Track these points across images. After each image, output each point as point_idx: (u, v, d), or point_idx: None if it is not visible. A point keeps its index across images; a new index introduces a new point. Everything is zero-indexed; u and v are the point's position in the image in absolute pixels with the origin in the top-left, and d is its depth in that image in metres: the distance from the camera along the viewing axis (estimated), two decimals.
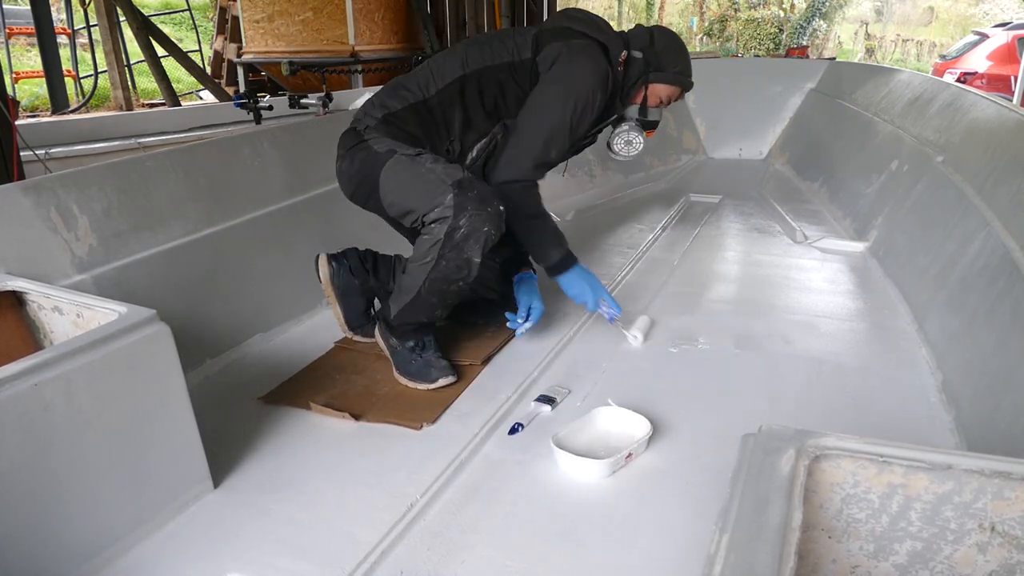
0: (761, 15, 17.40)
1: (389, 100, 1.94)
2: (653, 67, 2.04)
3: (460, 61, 1.95)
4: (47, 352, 1.20)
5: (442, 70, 1.94)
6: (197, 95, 8.97)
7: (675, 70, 2.07)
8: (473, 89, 1.93)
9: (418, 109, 1.92)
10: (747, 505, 0.80)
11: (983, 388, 1.64)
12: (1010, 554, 0.86)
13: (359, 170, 1.91)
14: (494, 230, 1.74)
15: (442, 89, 1.92)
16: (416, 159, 1.84)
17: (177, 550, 1.32)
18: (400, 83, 1.98)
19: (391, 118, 1.91)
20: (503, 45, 1.97)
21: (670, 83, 2.08)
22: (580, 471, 1.50)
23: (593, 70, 1.92)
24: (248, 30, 7.23)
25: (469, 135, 1.95)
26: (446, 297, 1.82)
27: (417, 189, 1.80)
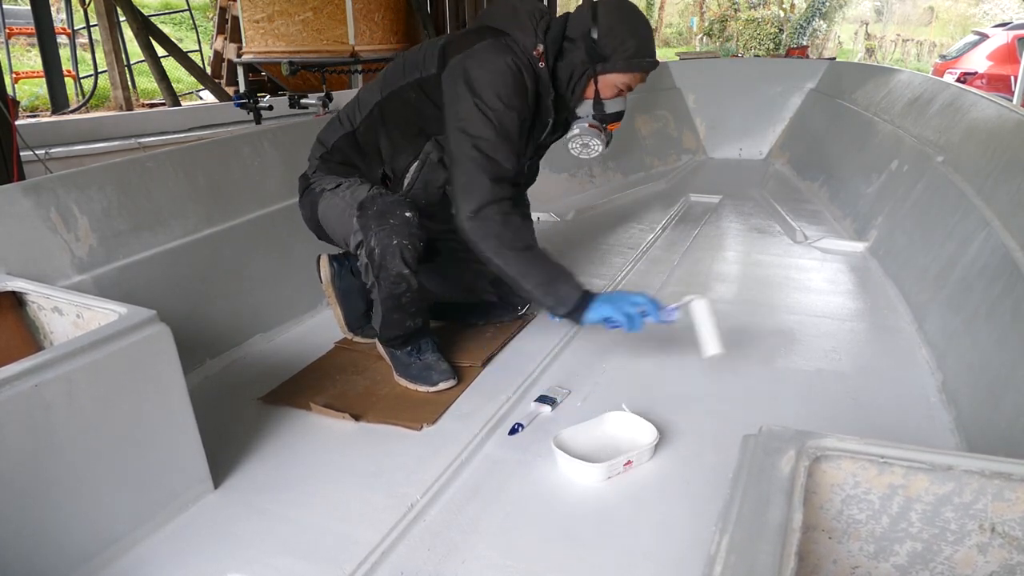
0: (761, 15, 17.39)
1: (325, 136, 1.95)
2: (596, 58, 1.76)
3: (377, 84, 1.91)
4: (47, 352, 1.20)
5: (364, 96, 1.91)
6: (197, 95, 8.96)
7: (625, 55, 1.76)
8: (391, 112, 1.87)
9: (349, 140, 1.91)
10: (747, 506, 0.80)
11: (983, 388, 1.64)
12: (1010, 555, 0.86)
13: (309, 216, 1.95)
14: (405, 239, 1.70)
15: (365, 117, 1.89)
16: (335, 191, 1.85)
17: (177, 550, 1.32)
18: (336, 117, 1.97)
19: (328, 155, 1.93)
20: (414, 61, 1.85)
21: (622, 71, 1.79)
22: (576, 473, 1.50)
23: (493, 68, 1.72)
24: (248, 30, 7.22)
25: (399, 159, 1.88)
26: (405, 308, 1.81)
27: (338, 221, 1.83)
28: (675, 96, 5.00)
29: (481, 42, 1.75)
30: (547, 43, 1.77)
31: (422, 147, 1.86)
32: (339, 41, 7.03)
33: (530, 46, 1.77)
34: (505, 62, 1.72)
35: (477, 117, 1.70)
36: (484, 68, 1.72)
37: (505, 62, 1.72)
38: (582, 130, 1.88)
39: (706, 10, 19.64)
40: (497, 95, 1.71)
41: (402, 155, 1.88)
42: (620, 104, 1.88)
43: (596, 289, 1.79)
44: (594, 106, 1.84)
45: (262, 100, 4.38)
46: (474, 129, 1.71)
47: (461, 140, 1.72)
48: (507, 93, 1.72)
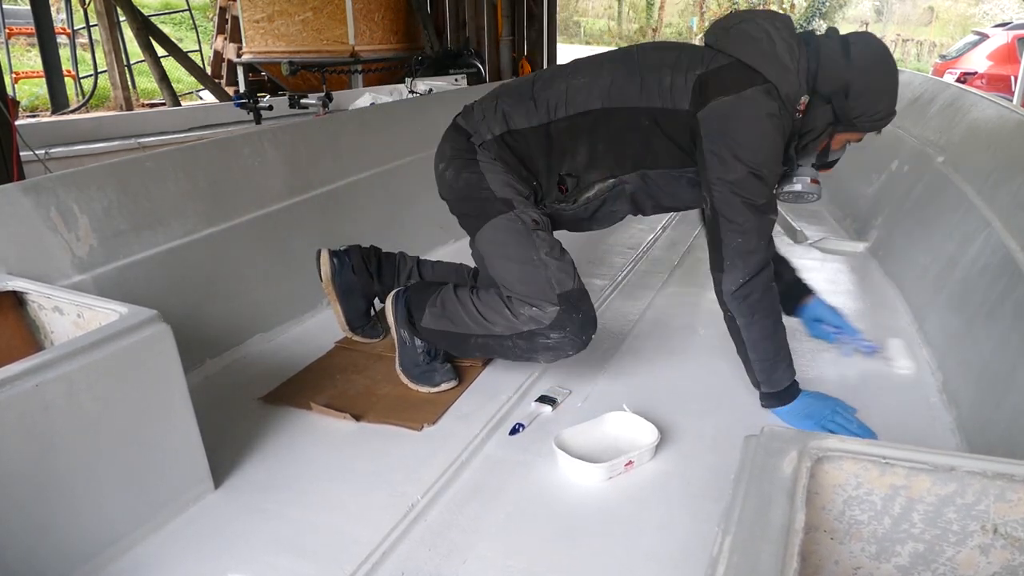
0: None
1: (514, 114, 1.72)
2: (843, 123, 1.65)
3: (602, 89, 1.67)
4: (48, 352, 1.20)
5: (579, 94, 1.69)
6: (197, 95, 8.96)
7: (873, 118, 1.65)
8: (608, 127, 1.67)
9: (539, 133, 1.70)
10: (750, 506, 0.80)
11: (983, 388, 1.64)
12: (1012, 556, 0.86)
13: (464, 193, 1.77)
14: (574, 353, 1.72)
15: (572, 116, 1.68)
16: (532, 235, 1.69)
17: (177, 550, 1.32)
18: (530, 94, 1.73)
19: (510, 138, 1.72)
20: (657, 82, 1.64)
21: (863, 131, 1.70)
22: (576, 474, 1.50)
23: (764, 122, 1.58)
24: (248, 30, 7.23)
25: (593, 172, 1.71)
26: (489, 354, 1.83)
27: (522, 274, 1.69)
28: None
29: (748, 90, 1.57)
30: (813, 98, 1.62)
31: (624, 174, 1.72)
32: (339, 41, 7.04)
33: (795, 97, 1.60)
34: (773, 117, 1.57)
35: (748, 175, 1.58)
36: (755, 121, 1.57)
37: (773, 117, 1.57)
38: (804, 186, 1.75)
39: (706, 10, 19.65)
40: (771, 149, 1.60)
41: (597, 170, 1.71)
42: (840, 153, 1.81)
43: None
44: (818, 157, 1.75)
45: (262, 100, 4.38)
46: (746, 189, 1.59)
47: (731, 200, 1.59)
48: (777, 146, 1.61)
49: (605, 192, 1.75)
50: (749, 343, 1.67)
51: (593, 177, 1.73)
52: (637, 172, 1.71)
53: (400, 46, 7.43)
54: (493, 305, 1.72)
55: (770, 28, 1.61)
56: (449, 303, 1.78)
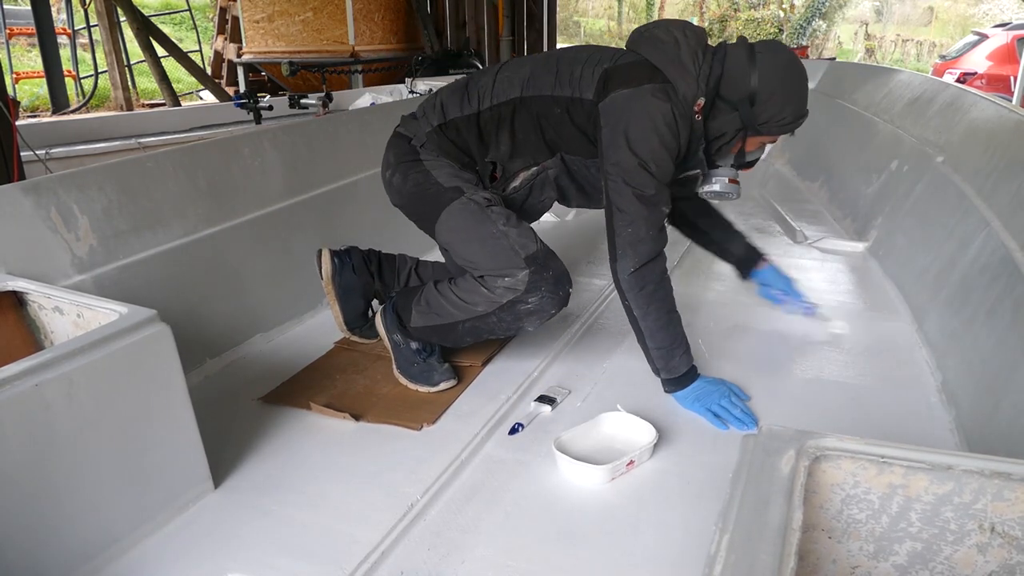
0: (761, 15, 17.40)
1: (450, 105, 1.83)
2: (751, 128, 1.72)
3: (522, 79, 1.78)
4: (48, 352, 1.20)
5: (502, 84, 1.79)
6: (197, 95, 8.97)
7: (782, 123, 1.71)
8: (526, 114, 1.76)
9: (470, 121, 1.80)
10: (747, 505, 0.80)
11: (983, 388, 1.64)
12: (1010, 555, 0.86)
13: (414, 193, 1.83)
14: (557, 311, 1.76)
15: (495, 105, 1.78)
16: (486, 211, 1.75)
17: (177, 550, 1.32)
18: (464, 87, 1.84)
19: (447, 128, 1.81)
20: (569, 73, 1.75)
21: (775, 135, 1.76)
22: (579, 476, 1.49)
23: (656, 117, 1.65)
24: (248, 30, 7.23)
25: (516, 160, 1.80)
26: (482, 336, 1.83)
27: (486, 250, 1.75)
28: None
29: (644, 85, 1.66)
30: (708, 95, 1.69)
31: (545, 160, 1.80)
32: (339, 41, 7.04)
33: (691, 98, 1.68)
34: (664, 111, 1.65)
35: (638, 166, 1.65)
36: (647, 114, 1.65)
37: (664, 111, 1.65)
38: (722, 186, 1.84)
39: (706, 10, 19.64)
40: (661, 143, 1.66)
41: (520, 158, 1.80)
42: (759, 153, 1.84)
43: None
44: (736, 158, 1.81)
45: (262, 100, 4.39)
46: (637, 179, 1.66)
47: (622, 190, 1.67)
48: (667, 141, 1.67)
49: (530, 180, 1.83)
50: (647, 333, 1.74)
51: (516, 166, 1.82)
52: (556, 155, 1.80)
53: (400, 46, 7.44)
54: (470, 287, 1.77)
55: (679, 35, 1.71)
56: (432, 298, 1.83)
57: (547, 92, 1.75)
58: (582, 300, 2.41)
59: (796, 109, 1.71)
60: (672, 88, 1.67)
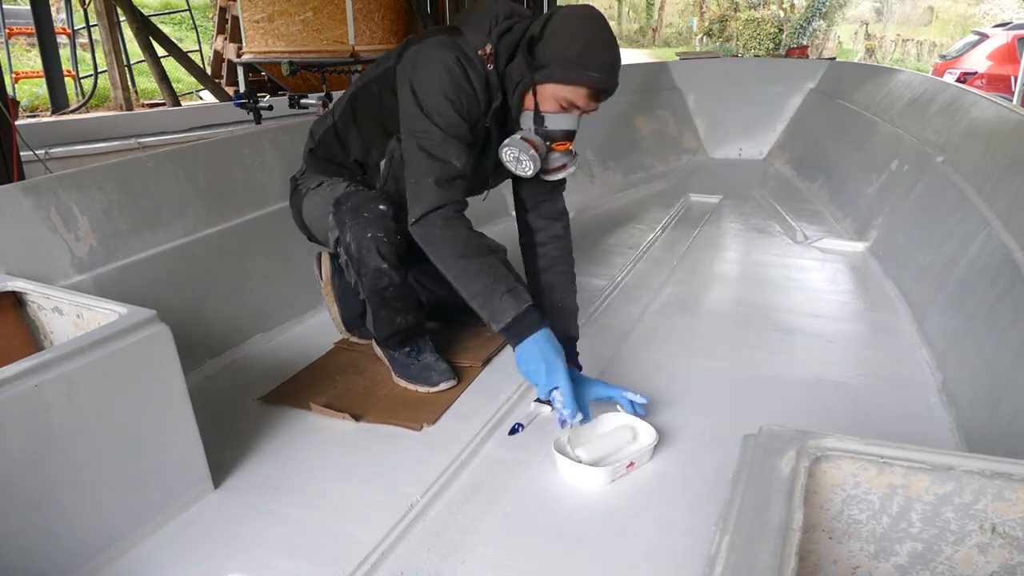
0: (761, 15, 17.40)
1: (315, 128, 1.94)
2: (533, 65, 1.58)
3: (356, 78, 1.87)
4: (48, 352, 1.20)
5: (346, 92, 1.88)
6: (197, 95, 8.96)
7: (563, 64, 1.55)
8: (360, 106, 1.82)
9: (331, 133, 1.89)
10: (748, 506, 0.80)
11: (983, 388, 1.64)
12: (1011, 555, 0.86)
13: (296, 217, 1.95)
14: (380, 231, 1.67)
15: (343, 109, 1.86)
16: (316, 190, 1.85)
17: (177, 550, 1.32)
18: (329, 110, 1.94)
19: (315, 150, 1.91)
20: (385, 55, 1.79)
21: (558, 82, 1.57)
22: (579, 478, 1.49)
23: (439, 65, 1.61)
24: (248, 30, 7.22)
25: (371, 155, 1.83)
26: (391, 304, 1.79)
27: (317, 220, 1.83)
28: (675, 96, 5.00)
29: (431, 38, 1.66)
30: (500, 45, 1.62)
31: (387, 143, 1.79)
32: (339, 41, 7.03)
33: (478, 45, 1.63)
34: (448, 57, 1.60)
35: (420, 115, 1.61)
36: (427, 63, 1.62)
37: (448, 57, 1.60)
38: (512, 141, 1.64)
39: (706, 10, 19.63)
40: (442, 91, 1.59)
41: (373, 151, 1.84)
42: (566, 122, 1.63)
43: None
44: (534, 119, 1.63)
45: (262, 100, 4.38)
46: (419, 127, 1.61)
47: (408, 140, 1.63)
48: (451, 88, 1.59)
49: (388, 168, 1.80)
50: (457, 285, 1.59)
51: (375, 158, 1.83)
52: (393, 138, 1.76)
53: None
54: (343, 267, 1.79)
55: (490, 3, 1.69)
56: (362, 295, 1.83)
57: (369, 76, 1.81)
58: (582, 300, 2.40)
59: (581, 51, 1.55)
60: (461, 38, 1.65)
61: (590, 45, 1.57)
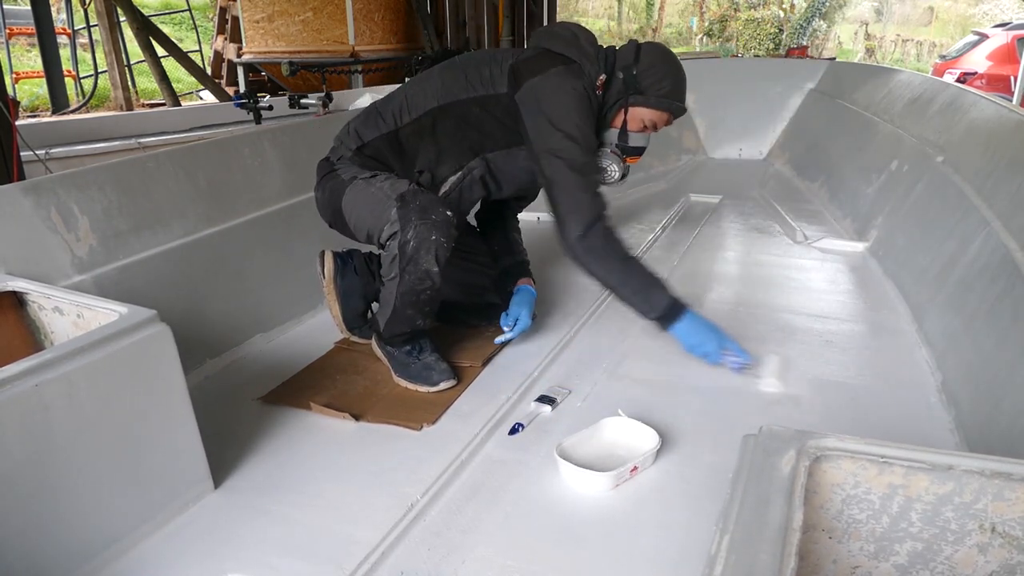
0: (761, 15, 17.40)
1: (364, 129, 1.93)
2: (632, 89, 1.89)
3: (435, 91, 1.90)
4: (48, 352, 1.20)
5: (416, 99, 1.91)
6: (197, 95, 8.97)
7: (659, 93, 1.89)
8: (446, 122, 1.88)
9: (390, 139, 1.90)
10: (748, 506, 0.80)
11: (983, 388, 1.64)
12: (1010, 555, 0.86)
13: (328, 199, 1.94)
14: (443, 237, 1.72)
15: (414, 120, 1.89)
16: (370, 180, 1.85)
17: (177, 550, 1.32)
18: (376, 110, 1.95)
19: (365, 149, 1.91)
20: (478, 75, 1.88)
21: (652, 107, 1.91)
22: (583, 483, 1.48)
23: (570, 93, 1.83)
24: (248, 30, 7.23)
25: (443, 167, 1.90)
26: (421, 306, 1.81)
27: (369, 210, 1.83)
28: None
29: (554, 67, 1.84)
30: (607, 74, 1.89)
31: (469, 161, 1.90)
32: (339, 41, 7.04)
33: (595, 76, 1.88)
34: (578, 86, 1.83)
35: (562, 136, 1.80)
36: (562, 92, 1.82)
37: (578, 86, 1.83)
38: (603, 154, 1.96)
39: (706, 10, 19.64)
40: (579, 115, 1.82)
41: (446, 164, 1.89)
42: (643, 140, 1.97)
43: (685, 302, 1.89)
44: (619, 135, 1.94)
45: (262, 100, 4.39)
46: (565, 152, 1.80)
47: (554, 163, 1.81)
48: (583, 115, 1.83)
49: (458, 183, 1.91)
50: (617, 287, 1.86)
51: (444, 172, 1.90)
52: (479, 157, 1.91)
53: (400, 46, 7.43)
54: (383, 263, 1.82)
55: (576, 30, 1.95)
56: (381, 295, 1.87)
57: (463, 96, 1.88)
58: (582, 300, 2.41)
59: (674, 85, 1.91)
60: (579, 67, 1.86)
61: (680, 81, 1.94)
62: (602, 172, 1.97)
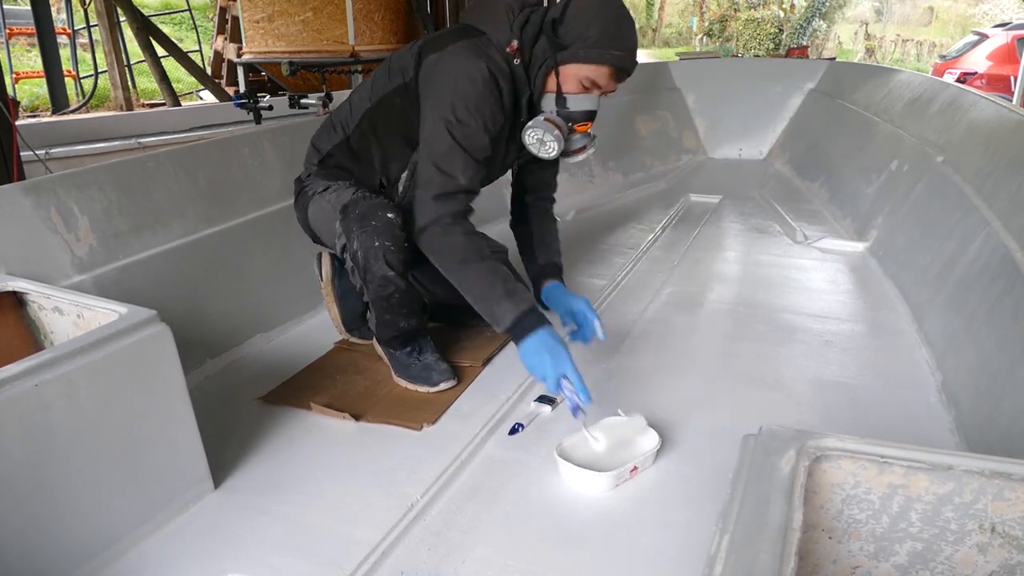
0: (761, 15, 17.39)
1: (320, 141, 1.92)
2: (556, 46, 1.62)
3: (368, 90, 1.82)
4: (48, 352, 1.20)
5: (356, 103, 1.85)
6: (197, 95, 8.96)
7: (586, 43, 1.59)
8: (380, 120, 1.81)
9: (343, 148, 1.87)
10: (748, 506, 0.80)
11: (983, 388, 1.64)
12: (1010, 555, 0.86)
13: (301, 218, 1.93)
14: (387, 240, 1.65)
15: (357, 125, 1.84)
16: (323, 195, 1.83)
17: (177, 550, 1.32)
18: (330, 121, 1.92)
19: (326, 160, 1.90)
20: (399, 65, 1.76)
21: (582, 62, 1.62)
22: (582, 483, 1.48)
23: (460, 78, 1.63)
24: (248, 30, 7.22)
25: (391, 167, 1.84)
26: (396, 309, 1.79)
27: (325, 224, 1.82)
28: (675, 96, 5.01)
29: (454, 44, 1.66)
30: (523, 37, 1.65)
31: (411, 156, 1.80)
32: (339, 41, 7.03)
33: (504, 42, 1.66)
34: (475, 67, 1.62)
35: (437, 127, 1.64)
36: (452, 74, 1.63)
37: (475, 67, 1.62)
38: (535, 123, 1.69)
39: (706, 10, 19.63)
40: (464, 104, 1.62)
41: (393, 163, 1.84)
42: (588, 103, 1.69)
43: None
44: (556, 100, 1.68)
45: (262, 100, 4.39)
46: (433, 140, 1.65)
47: (422, 150, 1.69)
48: (475, 101, 1.62)
49: (409, 179, 1.82)
50: (461, 290, 1.66)
51: (395, 171, 1.84)
52: (416, 150, 1.76)
53: (400, 46, 7.43)
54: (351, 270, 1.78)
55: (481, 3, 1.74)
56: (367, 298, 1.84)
57: (386, 90, 1.78)
58: None
59: (602, 31, 1.60)
60: (486, 39, 1.67)
61: (613, 25, 1.61)
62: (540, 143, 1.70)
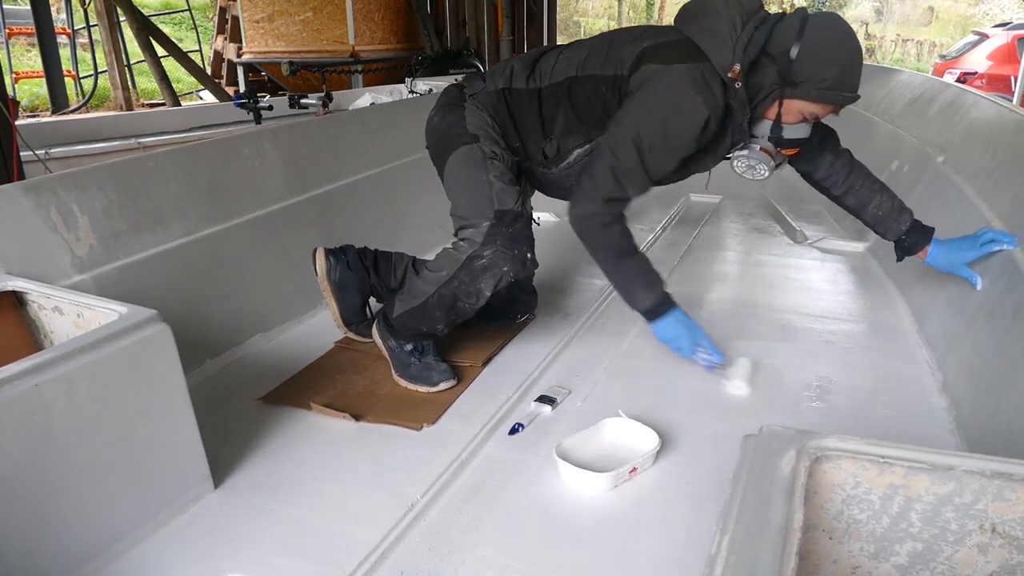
0: None
1: (519, 74, 1.85)
2: (787, 83, 1.63)
3: (578, 61, 1.79)
4: (48, 352, 1.20)
5: (562, 65, 1.81)
6: (197, 95, 8.96)
7: (820, 85, 1.60)
8: (580, 93, 1.78)
9: (532, 96, 1.83)
10: (748, 506, 0.80)
11: (983, 388, 1.64)
12: (1011, 555, 0.86)
13: (441, 133, 1.87)
14: (512, 272, 1.73)
15: (554, 84, 1.81)
16: (487, 162, 1.78)
17: (177, 550, 1.32)
18: (535, 61, 1.86)
19: (508, 95, 1.84)
20: (617, 56, 1.75)
21: (812, 101, 1.64)
22: (582, 484, 1.48)
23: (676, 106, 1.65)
24: (248, 30, 7.23)
25: (571, 138, 1.82)
26: (451, 314, 1.82)
27: (469, 194, 1.79)
28: None
29: (678, 63, 1.65)
30: (745, 59, 1.64)
31: (599, 136, 1.79)
32: (339, 41, 7.04)
33: (727, 67, 1.64)
34: (689, 103, 1.64)
35: (630, 141, 1.68)
36: (666, 99, 1.65)
37: (689, 103, 1.64)
38: (751, 152, 1.79)
39: None
40: (664, 134, 1.66)
41: (574, 135, 1.82)
42: (802, 131, 1.75)
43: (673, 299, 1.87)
44: (772, 128, 1.73)
45: (262, 100, 4.39)
46: (621, 150, 1.69)
47: (606, 148, 1.72)
48: (677, 135, 1.68)
49: (583, 156, 1.83)
50: (607, 275, 1.86)
51: (570, 143, 1.83)
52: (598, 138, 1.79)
53: (400, 46, 7.43)
54: (440, 255, 1.81)
55: (720, 6, 1.67)
56: (409, 281, 1.87)
57: (597, 72, 1.76)
58: (582, 300, 2.41)
59: (839, 75, 1.61)
60: (709, 67, 1.64)
61: (849, 67, 1.63)
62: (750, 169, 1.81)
